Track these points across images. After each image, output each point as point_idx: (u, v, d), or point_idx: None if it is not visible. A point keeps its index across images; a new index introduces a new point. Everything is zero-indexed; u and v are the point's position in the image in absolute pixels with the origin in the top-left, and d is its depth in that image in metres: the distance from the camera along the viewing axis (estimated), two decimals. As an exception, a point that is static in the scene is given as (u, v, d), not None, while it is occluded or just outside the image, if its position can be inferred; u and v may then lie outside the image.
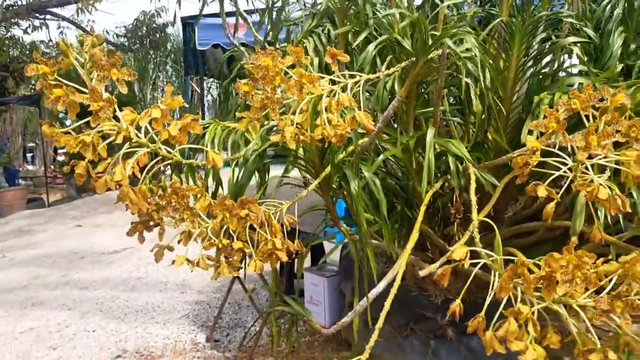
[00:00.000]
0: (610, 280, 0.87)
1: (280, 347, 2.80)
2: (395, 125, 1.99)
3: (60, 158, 13.25)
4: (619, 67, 1.84)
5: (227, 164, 1.55)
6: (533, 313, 0.91)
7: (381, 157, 1.63)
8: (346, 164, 1.48)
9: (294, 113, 1.05)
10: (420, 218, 1.42)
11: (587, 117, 0.97)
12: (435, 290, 2.40)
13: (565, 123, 0.98)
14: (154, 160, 1.15)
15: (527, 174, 1.04)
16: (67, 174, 10.35)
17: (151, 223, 1.25)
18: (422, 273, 1.40)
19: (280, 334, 2.74)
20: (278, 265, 3.31)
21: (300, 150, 1.65)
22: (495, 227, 1.22)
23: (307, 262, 3.54)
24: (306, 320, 3.06)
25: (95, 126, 1.03)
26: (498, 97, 1.92)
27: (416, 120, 2.14)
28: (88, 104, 1.00)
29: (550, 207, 1.01)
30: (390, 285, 1.64)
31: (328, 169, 1.47)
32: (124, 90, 1.03)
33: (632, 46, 1.96)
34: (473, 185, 1.41)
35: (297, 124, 1.08)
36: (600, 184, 0.94)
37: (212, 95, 12.96)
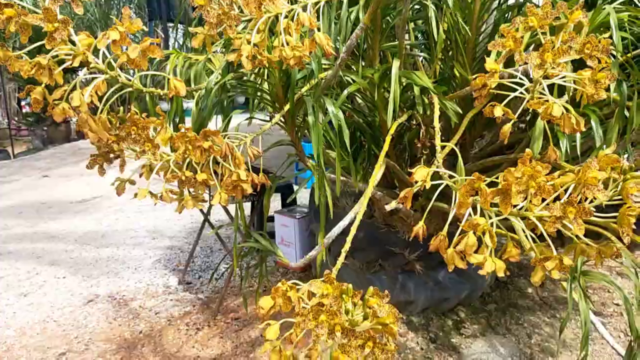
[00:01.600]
0: (566, 191, 0.89)
1: (252, 286, 2.84)
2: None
3: (25, 110, 12.88)
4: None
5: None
6: (491, 225, 0.93)
7: (346, 91, 1.62)
8: (310, 97, 1.46)
9: (251, 32, 1.02)
10: (385, 148, 1.42)
11: (544, 35, 0.97)
12: (403, 226, 2.44)
13: (522, 41, 0.98)
14: (113, 88, 1.12)
15: (485, 96, 1.04)
16: (32, 124, 10.09)
17: (111, 155, 1.22)
18: (387, 207, 1.41)
19: (249, 274, 2.78)
20: (249, 208, 3.31)
21: (265, 85, 1.62)
22: (458, 153, 1.23)
23: (279, 206, 3.55)
24: (279, 261, 3.09)
25: (50, 50, 0.99)
26: (464, 30, 1.91)
27: (383, 55, 2.12)
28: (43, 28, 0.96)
29: (507, 127, 1.02)
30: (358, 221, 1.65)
31: (291, 101, 1.45)
32: (79, 11, 0.99)
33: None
34: (437, 114, 1.41)
35: (254, 44, 1.06)
36: (554, 102, 0.94)
37: (177, 42, 12.63)
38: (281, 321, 0.95)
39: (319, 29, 1.06)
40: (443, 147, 1.30)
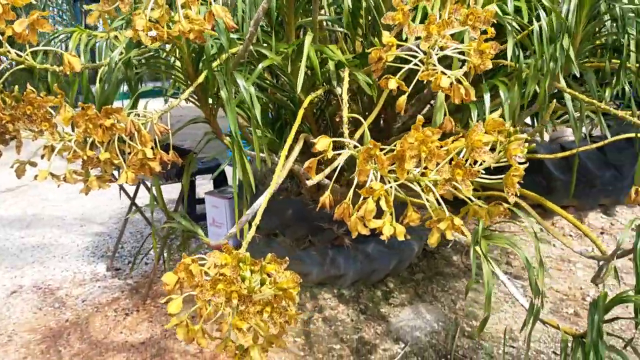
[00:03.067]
0: (459, 154, 0.92)
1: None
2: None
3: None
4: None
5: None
6: (390, 190, 0.95)
7: (260, 65, 1.61)
8: (220, 72, 1.45)
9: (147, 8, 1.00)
10: (297, 122, 1.43)
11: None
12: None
13: (409, 14, 1.00)
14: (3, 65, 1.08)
15: (382, 69, 1.06)
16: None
17: (7, 136, 1.18)
18: (308, 183, 1.42)
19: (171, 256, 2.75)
20: (179, 192, 3.26)
21: (177, 63, 1.59)
22: (363, 120, 1.25)
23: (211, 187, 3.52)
24: (209, 244, 3.07)
25: None
26: (379, 5, 1.93)
27: (305, 31, 2.12)
28: None
29: (402, 99, 1.05)
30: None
31: (202, 77, 1.43)
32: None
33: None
34: (345, 86, 1.43)
35: (155, 19, 1.04)
36: (443, 73, 0.97)
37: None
38: (184, 295, 0.95)
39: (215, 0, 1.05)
40: (351, 120, 1.31)
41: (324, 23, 2.00)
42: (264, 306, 0.87)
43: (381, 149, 0.99)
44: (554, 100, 1.41)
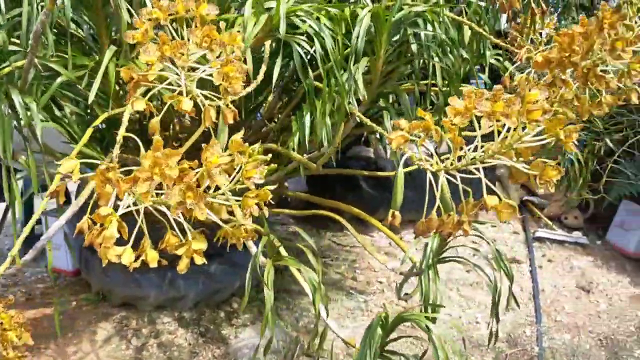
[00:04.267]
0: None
1: (15, 295, 2.61)
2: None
3: None
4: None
5: None
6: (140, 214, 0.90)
7: (56, 82, 1.51)
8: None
9: None
10: (83, 140, 1.35)
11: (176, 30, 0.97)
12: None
13: (149, 34, 0.97)
14: None
15: (135, 89, 1.02)
16: None
17: None
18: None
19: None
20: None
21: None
22: (140, 143, 1.20)
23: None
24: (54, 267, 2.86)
25: None
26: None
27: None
28: None
29: (155, 121, 1.01)
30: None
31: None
32: None
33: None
34: (129, 108, 1.37)
35: None
36: (186, 97, 0.95)
37: None
38: None
39: None
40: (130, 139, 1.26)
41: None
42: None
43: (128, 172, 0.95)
44: (349, 122, 1.44)
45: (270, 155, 0.96)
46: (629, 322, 2.81)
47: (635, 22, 1.29)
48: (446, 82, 1.72)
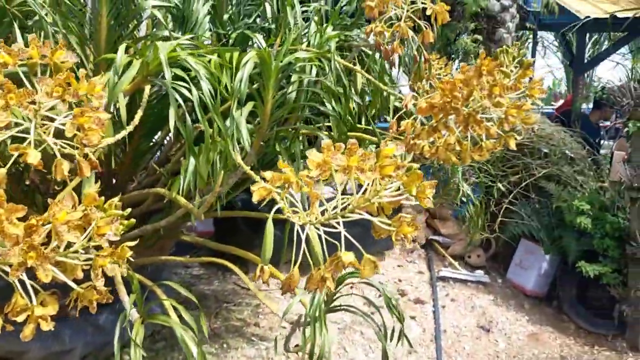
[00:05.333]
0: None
1: None
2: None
3: None
4: (208, 34, 1.90)
5: None
6: None
7: None
8: None
9: None
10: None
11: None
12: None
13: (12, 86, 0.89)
14: None
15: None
16: None
17: None
18: None
19: None
20: None
21: None
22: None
23: None
24: None
25: None
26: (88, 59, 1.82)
27: None
28: None
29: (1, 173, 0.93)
30: None
31: None
32: None
33: (226, 16, 2.03)
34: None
35: None
36: (34, 150, 0.88)
37: None
38: None
39: None
40: None
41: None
42: None
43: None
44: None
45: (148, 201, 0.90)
46: (526, 362, 2.90)
47: (512, 70, 1.35)
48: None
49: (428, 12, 1.43)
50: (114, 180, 2.36)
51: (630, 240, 3.16)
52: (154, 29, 1.97)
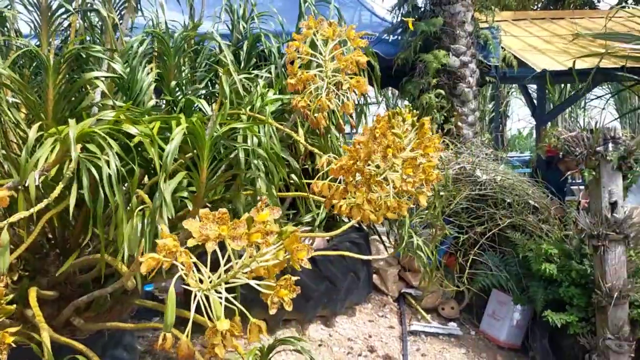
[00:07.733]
0: None
1: None
2: None
3: None
4: (152, 102, 1.96)
5: None
6: None
7: None
8: None
9: None
10: None
11: None
12: None
13: None
14: None
15: None
16: None
17: None
18: None
19: None
20: None
21: None
22: None
23: None
24: None
25: None
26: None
27: None
28: None
29: None
30: None
31: None
32: None
33: (173, 82, 2.10)
34: None
35: None
36: None
37: None
38: None
39: None
40: None
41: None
42: None
43: None
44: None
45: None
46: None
47: (404, 132, 1.39)
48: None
49: (345, 87, 1.51)
50: (67, 245, 2.37)
51: (595, 288, 3.16)
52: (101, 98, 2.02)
